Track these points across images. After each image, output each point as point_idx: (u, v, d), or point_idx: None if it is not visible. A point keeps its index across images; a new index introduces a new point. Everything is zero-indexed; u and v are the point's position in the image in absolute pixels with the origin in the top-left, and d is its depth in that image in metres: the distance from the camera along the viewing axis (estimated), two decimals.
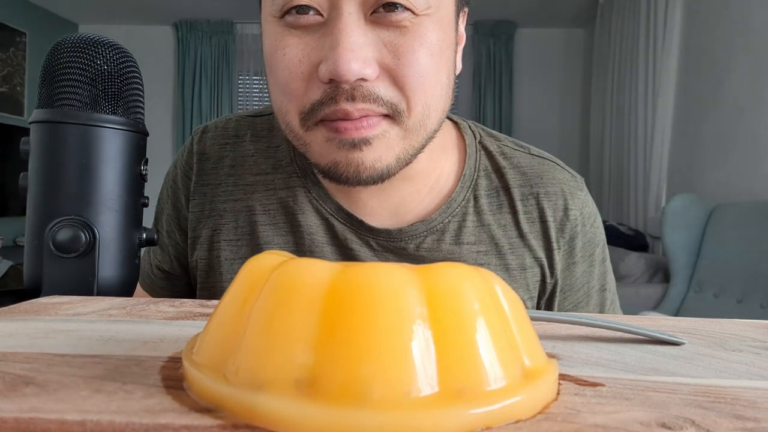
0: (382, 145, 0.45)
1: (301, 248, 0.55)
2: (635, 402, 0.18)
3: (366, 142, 0.44)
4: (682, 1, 2.75)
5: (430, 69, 0.44)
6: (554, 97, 4.26)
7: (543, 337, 0.28)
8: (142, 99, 0.43)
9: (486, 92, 4.20)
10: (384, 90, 0.44)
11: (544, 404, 0.18)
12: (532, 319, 0.24)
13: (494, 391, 0.16)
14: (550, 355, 0.24)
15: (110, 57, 0.41)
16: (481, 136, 0.58)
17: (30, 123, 0.41)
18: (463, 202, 0.55)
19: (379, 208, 0.54)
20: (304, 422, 0.15)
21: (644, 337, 0.28)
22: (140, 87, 0.43)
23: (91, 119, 0.40)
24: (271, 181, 0.57)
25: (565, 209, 0.55)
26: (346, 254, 0.54)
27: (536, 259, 0.55)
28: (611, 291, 0.60)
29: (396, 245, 0.53)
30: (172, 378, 0.20)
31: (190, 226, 0.59)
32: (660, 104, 2.79)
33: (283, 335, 0.17)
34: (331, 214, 0.55)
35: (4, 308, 0.32)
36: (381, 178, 0.47)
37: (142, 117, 0.43)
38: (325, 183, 0.55)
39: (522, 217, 0.55)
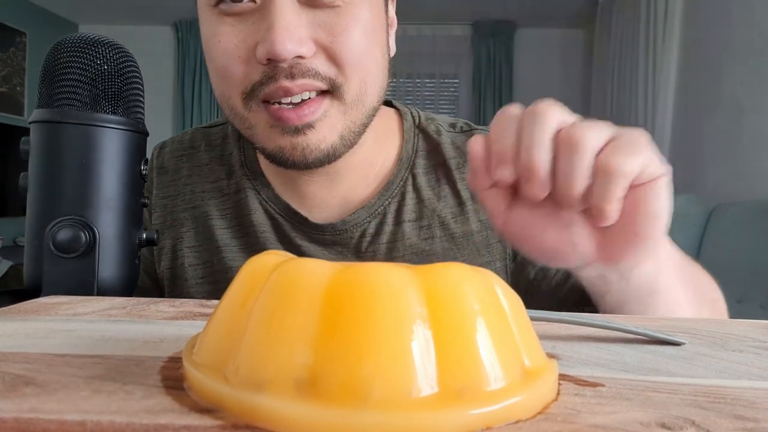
0: (325, 126, 0.47)
1: (255, 247, 0.57)
2: (635, 402, 0.18)
3: (308, 126, 0.46)
4: (682, 0, 2.75)
5: (364, 45, 0.47)
6: (554, 97, 4.23)
7: (543, 337, 0.28)
8: (142, 99, 0.43)
9: (486, 92, 4.20)
10: (321, 66, 0.46)
11: (544, 404, 0.18)
12: (532, 319, 0.24)
13: (494, 391, 0.16)
14: (550, 355, 0.24)
15: (110, 57, 0.41)
16: (419, 120, 0.60)
17: (30, 123, 0.41)
18: (401, 183, 0.57)
19: (328, 198, 0.56)
20: (304, 422, 0.15)
21: (644, 337, 0.28)
22: (140, 87, 0.43)
23: (91, 119, 0.40)
24: (225, 187, 0.59)
25: None
26: (295, 251, 0.56)
27: (481, 221, 0.55)
28: None
29: (342, 237, 0.55)
30: (172, 378, 0.20)
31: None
32: (660, 104, 2.79)
33: (283, 335, 0.17)
34: (279, 214, 0.57)
35: (4, 308, 0.32)
36: (328, 158, 0.48)
37: (142, 117, 0.43)
38: (274, 183, 0.57)
39: (460, 185, 0.56)
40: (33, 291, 0.39)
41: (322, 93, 0.47)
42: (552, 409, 0.18)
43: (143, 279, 0.64)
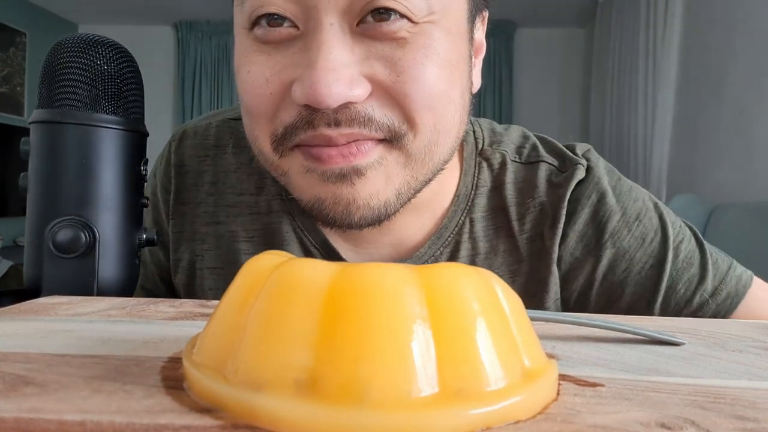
0: (379, 177, 0.38)
1: None
2: (635, 402, 0.18)
3: (357, 172, 0.37)
4: (682, 0, 2.75)
5: (439, 85, 0.37)
6: (554, 97, 4.26)
7: (543, 337, 0.28)
8: (141, 99, 0.43)
9: (486, 92, 4.21)
10: (379, 110, 0.36)
11: (543, 404, 0.18)
12: (532, 319, 0.24)
13: (494, 391, 0.16)
14: (550, 355, 0.24)
15: (110, 57, 0.41)
16: (483, 145, 0.50)
17: (30, 123, 0.41)
18: (456, 229, 0.48)
19: (377, 237, 0.47)
20: (304, 422, 0.15)
21: (644, 338, 0.28)
22: (140, 87, 0.43)
23: (91, 119, 0.40)
24: (254, 204, 0.51)
25: (554, 220, 0.48)
26: None
27: (540, 281, 0.48)
28: (676, 257, 0.47)
29: None
30: (172, 378, 0.20)
31: (171, 247, 0.54)
32: (660, 104, 2.79)
33: (282, 335, 0.17)
34: (316, 247, 0.49)
35: (4, 308, 0.32)
36: (378, 219, 0.39)
37: (141, 117, 0.43)
38: None
39: (519, 239, 0.48)
40: (33, 291, 0.39)
41: (377, 141, 0.37)
42: (552, 409, 0.18)
43: (156, 284, 0.57)
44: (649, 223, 0.48)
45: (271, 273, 0.18)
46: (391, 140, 0.37)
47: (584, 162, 0.49)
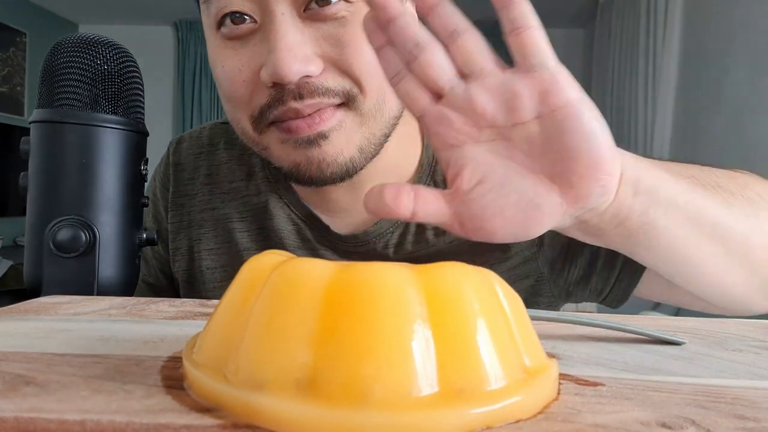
0: (340, 137, 0.45)
1: None
2: (635, 402, 0.18)
3: (322, 136, 0.44)
4: (682, 0, 2.75)
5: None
6: None
7: (543, 337, 0.28)
8: (142, 99, 0.43)
9: None
10: (333, 81, 0.43)
11: (544, 404, 0.18)
12: (532, 319, 0.24)
13: (494, 390, 0.16)
14: (550, 355, 0.24)
15: (110, 57, 0.41)
16: None
17: (30, 123, 0.41)
18: None
19: (351, 204, 0.53)
20: (304, 422, 0.15)
21: (644, 337, 0.28)
22: (140, 87, 0.43)
23: (91, 119, 0.40)
24: (245, 188, 0.58)
25: None
26: (317, 258, 0.54)
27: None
28: None
29: (365, 247, 0.53)
30: (172, 378, 0.20)
31: (170, 238, 0.59)
32: (660, 104, 2.79)
33: (283, 335, 0.17)
34: (301, 219, 0.55)
35: (4, 308, 0.32)
36: (347, 173, 0.46)
37: (142, 117, 0.43)
38: (297, 187, 0.55)
39: None
40: (33, 291, 0.39)
41: (336, 106, 0.44)
42: (552, 408, 0.18)
43: (158, 278, 0.62)
44: None
45: (271, 272, 0.18)
46: (347, 103, 0.44)
47: None
